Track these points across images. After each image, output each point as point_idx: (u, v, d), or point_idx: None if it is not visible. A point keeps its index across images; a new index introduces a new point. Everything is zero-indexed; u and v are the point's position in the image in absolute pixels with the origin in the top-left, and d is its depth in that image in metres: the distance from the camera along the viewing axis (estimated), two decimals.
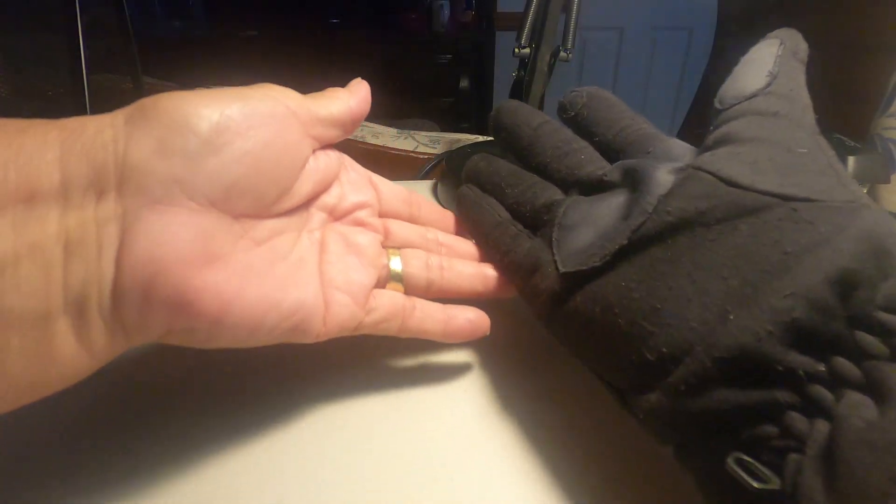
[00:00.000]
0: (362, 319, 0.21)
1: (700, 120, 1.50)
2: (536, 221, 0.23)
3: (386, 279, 0.23)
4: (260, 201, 0.18)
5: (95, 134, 0.16)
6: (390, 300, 0.22)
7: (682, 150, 0.21)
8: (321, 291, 0.20)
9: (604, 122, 0.24)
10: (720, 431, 0.14)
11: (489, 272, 0.24)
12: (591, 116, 0.24)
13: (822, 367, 0.13)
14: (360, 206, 0.23)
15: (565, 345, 0.20)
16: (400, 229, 0.24)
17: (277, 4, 2.04)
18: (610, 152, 0.23)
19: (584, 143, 0.24)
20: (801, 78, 0.20)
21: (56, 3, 0.36)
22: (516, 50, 0.49)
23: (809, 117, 0.18)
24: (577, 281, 0.19)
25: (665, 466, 0.19)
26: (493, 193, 0.25)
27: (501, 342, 0.25)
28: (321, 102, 0.21)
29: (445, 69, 1.99)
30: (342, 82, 0.23)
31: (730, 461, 0.13)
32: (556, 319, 0.20)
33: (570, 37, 0.49)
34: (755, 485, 0.12)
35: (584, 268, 0.18)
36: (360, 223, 0.23)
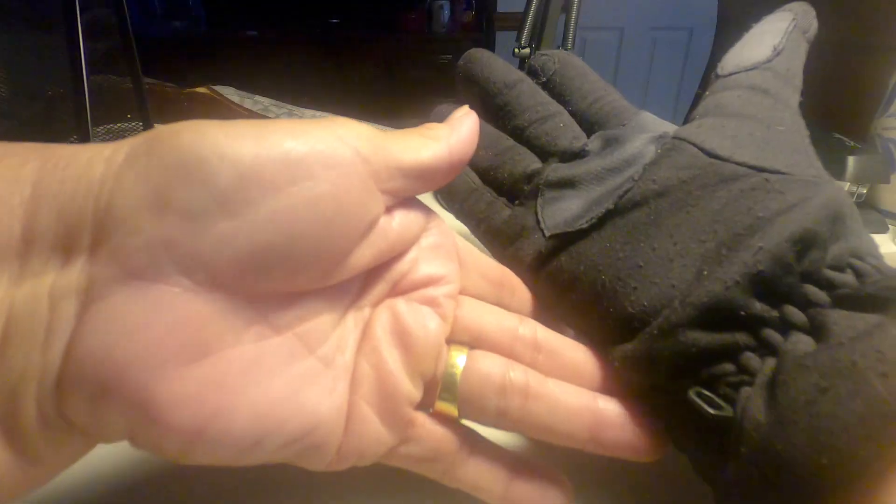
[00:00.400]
0: (394, 448, 0.15)
1: None
2: (515, 190, 0.22)
3: (436, 392, 0.16)
4: (294, 279, 0.13)
5: (84, 171, 0.12)
6: (440, 434, 0.16)
7: (655, 122, 0.22)
8: (346, 403, 0.15)
9: (577, 92, 0.23)
10: (686, 371, 0.15)
11: (606, 407, 0.16)
12: (565, 84, 0.24)
13: (775, 314, 0.14)
14: (436, 282, 0.16)
15: (548, 305, 0.20)
16: (477, 315, 0.17)
17: (277, 4, 2.04)
18: (583, 122, 0.23)
19: (560, 108, 0.23)
20: (802, 58, 0.20)
21: (56, 3, 0.36)
22: (516, 50, 0.49)
23: (795, 99, 0.20)
24: (562, 242, 0.19)
25: (664, 468, 0.19)
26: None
27: None
28: (408, 144, 0.15)
29: (445, 69, 1.99)
30: (342, 82, 0.21)
31: (691, 393, 0.15)
32: (539, 279, 0.20)
33: (570, 37, 0.49)
34: (711, 412, 0.14)
35: (571, 230, 0.19)
36: (429, 302, 0.16)
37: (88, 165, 0.12)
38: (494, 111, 0.24)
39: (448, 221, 0.18)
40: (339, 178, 0.13)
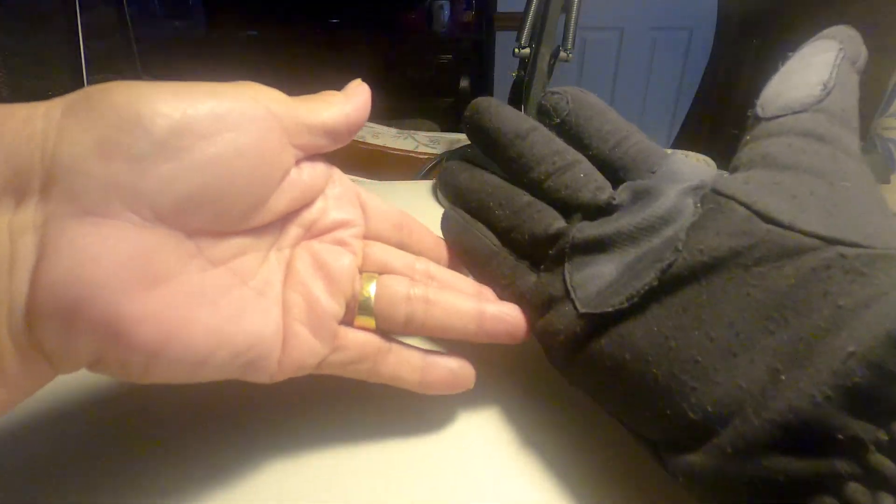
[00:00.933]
0: (325, 357, 0.18)
1: (700, 120, 1.50)
2: (536, 252, 0.20)
3: (355, 310, 0.19)
4: (222, 217, 0.16)
5: (23, 124, 0.13)
6: (363, 340, 0.19)
7: (688, 168, 0.20)
8: (282, 324, 0.17)
9: (597, 134, 0.21)
10: (772, 498, 0.13)
11: (490, 310, 0.20)
12: (581, 126, 0.22)
13: (884, 436, 0.12)
14: (343, 225, 0.20)
15: (584, 390, 0.19)
16: (382, 253, 0.21)
17: (277, 4, 2.04)
18: (606, 169, 0.21)
19: (579, 157, 0.21)
20: (856, 94, 0.18)
21: (56, 3, 0.36)
22: (516, 50, 0.49)
23: (856, 144, 0.17)
24: (601, 323, 0.17)
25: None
26: (481, 214, 0.22)
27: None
28: (312, 106, 0.18)
29: (445, 69, 1.99)
30: (342, 82, 0.21)
31: None
32: (575, 364, 0.18)
33: (570, 37, 0.49)
34: None
35: (610, 309, 0.17)
36: (339, 243, 0.20)
37: (27, 120, 0.13)
38: (508, 164, 0.22)
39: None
40: (257, 131, 0.16)
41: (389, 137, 0.76)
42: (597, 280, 0.18)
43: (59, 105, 0.14)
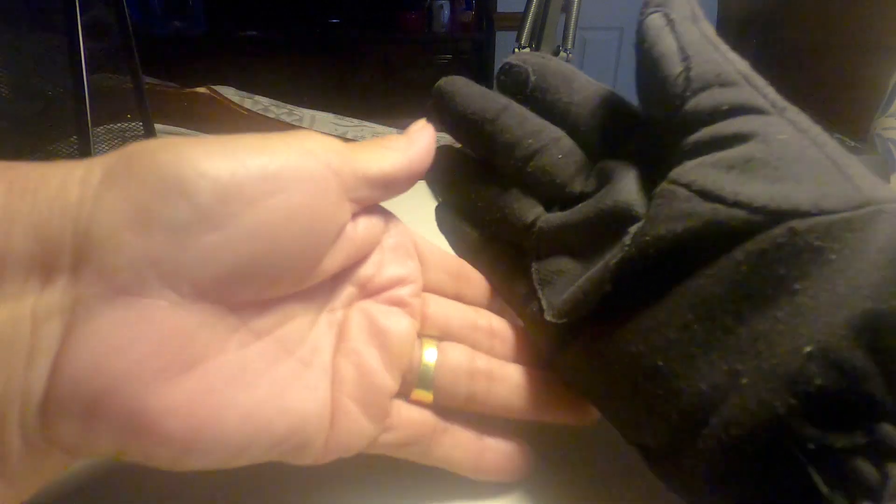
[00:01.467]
0: (375, 438, 0.16)
1: None
2: (523, 244, 0.19)
3: (413, 383, 0.17)
4: (271, 288, 0.14)
5: (57, 193, 0.12)
6: (417, 418, 0.17)
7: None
8: (330, 399, 0.15)
9: (567, 108, 0.19)
10: None
11: (551, 383, 0.18)
12: (550, 101, 0.19)
13: (862, 440, 0.11)
14: (401, 282, 0.17)
15: (577, 386, 0.18)
16: (441, 311, 0.18)
17: (277, 4, 2.04)
18: (587, 141, 0.19)
19: (556, 133, 0.19)
20: (718, 44, 0.15)
21: (56, 3, 0.36)
22: (516, 50, 0.49)
23: (769, 88, 0.15)
24: (567, 331, 0.16)
25: None
26: (465, 207, 0.21)
27: None
28: (372, 156, 0.16)
29: (445, 69, 1.99)
30: (342, 82, 0.20)
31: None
32: (556, 367, 0.18)
33: (570, 37, 0.49)
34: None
35: (571, 319, 0.16)
36: (397, 303, 0.17)
37: (62, 187, 0.12)
38: (481, 151, 0.20)
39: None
40: (312, 189, 0.14)
41: None
42: (561, 279, 0.17)
43: (99, 169, 0.12)
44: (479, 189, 0.20)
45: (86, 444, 0.12)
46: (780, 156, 0.13)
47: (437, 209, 0.22)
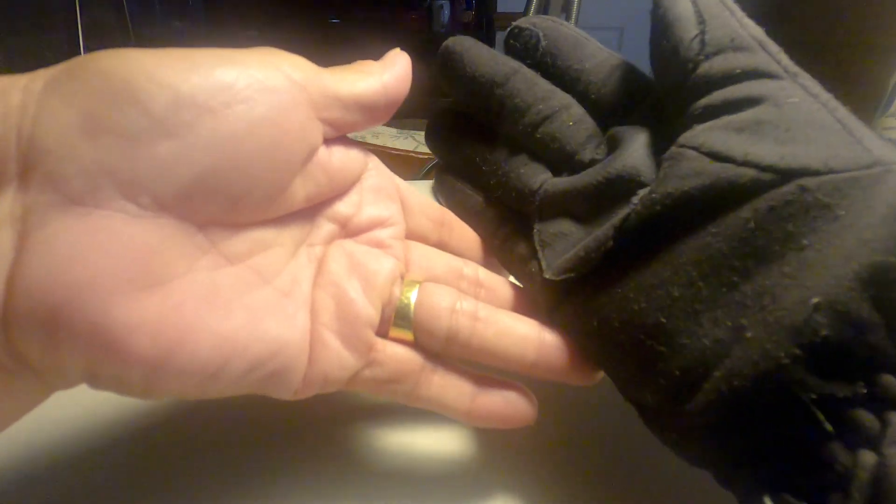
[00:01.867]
0: (357, 372, 0.16)
1: None
2: (525, 209, 0.19)
3: (390, 319, 0.17)
4: (238, 206, 0.14)
5: None
6: (402, 355, 0.16)
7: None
8: (309, 330, 0.15)
9: (578, 74, 0.19)
10: (751, 464, 0.12)
11: (549, 335, 0.17)
12: (560, 66, 0.19)
13: (863, 389, 0.11)
14: (382, 223, 0.18)
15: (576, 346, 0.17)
16: (425, 258, 0.18)
17: (277, 4, 2.04)
18: (597, 108, 0.19)
19: (566, 100, 0.18)
20: (735, 10, 0.15)
21: (56, 3, 0.36)
22: None
23: (782, 55, 0.14)
24: (564, 289, 0.16)
25: (663, 468, 0.19)
26: (468, 172, 0.21)
27: None
28: (344, 76, 0.16)
29: None
30: None
31: (766, 501, 0.12)
32: (556, 325, 0.17)
33: None
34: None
35: (572, 275, 0.16)
36: (378, 244, 0.17)
37: (3, 94, 0.12)
38: (489, 115, 0.19)
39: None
40: (276, 102, 0.14)
41: (389, 137, 0.76)
42: (562, 241, 0.17)
43: (42, 77, 0.12)
44: (484, 152, 0.20)
45: (52, 362, 0.12)
46: (791, 118, 0.13)
47: (437, 171, 0.22)
